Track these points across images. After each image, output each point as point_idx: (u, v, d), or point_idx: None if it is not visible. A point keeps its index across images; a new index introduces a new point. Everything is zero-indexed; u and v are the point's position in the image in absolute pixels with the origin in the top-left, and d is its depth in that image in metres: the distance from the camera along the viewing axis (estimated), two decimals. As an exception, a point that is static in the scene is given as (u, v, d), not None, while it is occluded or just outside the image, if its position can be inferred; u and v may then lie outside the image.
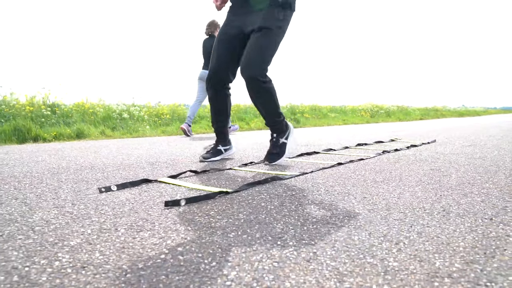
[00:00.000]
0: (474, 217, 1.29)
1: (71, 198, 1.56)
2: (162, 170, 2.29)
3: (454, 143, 3.93)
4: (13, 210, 1.37)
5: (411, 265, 0.91)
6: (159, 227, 1.19)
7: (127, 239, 1.08)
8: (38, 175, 2.08)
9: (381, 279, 0.83)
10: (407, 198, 1.56)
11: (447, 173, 2.15)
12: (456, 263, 0.92)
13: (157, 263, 0.91)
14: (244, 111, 9.42)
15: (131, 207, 1.42)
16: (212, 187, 1.76)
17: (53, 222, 1.23)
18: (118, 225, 1.20)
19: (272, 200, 1.54)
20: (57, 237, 1.09)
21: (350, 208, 1.40)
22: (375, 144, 3.87)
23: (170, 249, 1.00)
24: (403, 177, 2.02)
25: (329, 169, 2.30)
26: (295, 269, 0.88)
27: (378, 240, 1.07)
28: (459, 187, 1.77)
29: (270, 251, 0.99)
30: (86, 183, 1.88)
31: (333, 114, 11.96)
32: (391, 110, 14.51)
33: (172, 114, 7.55)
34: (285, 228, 1.18)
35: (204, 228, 1.17)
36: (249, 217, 1.29)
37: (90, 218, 1.28)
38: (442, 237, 1.10)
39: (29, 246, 1.02)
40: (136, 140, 4.61)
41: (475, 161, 2.61)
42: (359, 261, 0.93)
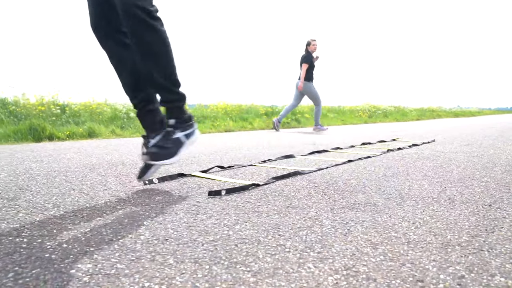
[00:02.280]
0: (476, 204, 1.52)
1: (121, 189, 1.78)
2: (188, 166, 2.50)
3: (453, 143, 4.17)
4: (78, 198, 1.58)
5: (427, 237, 1.13)
6: (212, 211, 1.41)
7: (189, 220, 1.30)
8: (78, 170, 2.29)
9: (405, 247, 1.06)
10: (416, 190, 1.78)
11: (449, 169, 2.38)
12: (464, 236, 1.15)
13: (224, 237, 1.13)
14: (246, 111, 9.62)
15: (179, 196, 1.63)
16: (242, 180, 1.98)
17: (118, 208, 1.44)
18: (176, 210, 1.42)
19: (299, 190, 1.76)
20: (130, 219, 1.30)
21: (369, 197, 1.63)
22: (378, 143, 4.11)
23: (229, 227, 1.22)
24: (410, 172, 2.25)
25: (341, 165, 2.52)
26: (336, 240, 1.10)
27: (398, 221, 1.30)
28: (461, 181, 2.00)
29: (312, 228, 1.21)
30: (126, 177, 2.09)
31: (331, 114, 12.19)
32: (388, 110, 14.78)
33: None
34: (318, 212, 1.40)
35: (250, 212, 1.39)
36: (284, 204, 1.51)
37: (149, 205, 1.49)
38: (450, 218, 1.33)
39: (112, 225, 1.23)
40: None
41: (473, 158, 2.85)
42: (385, 235, 1.15)
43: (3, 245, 1.05)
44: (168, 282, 0.84)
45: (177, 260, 0.96)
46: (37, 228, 1.20)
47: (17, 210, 1.41)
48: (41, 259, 0.96)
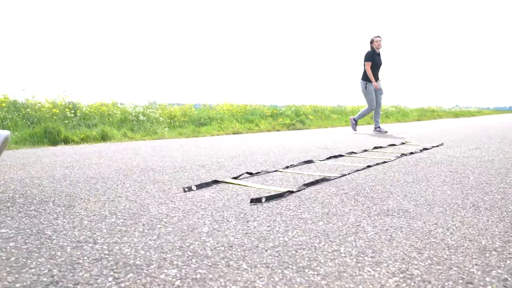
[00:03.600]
0: (500, 211, 1.65)
1: (164, 196, 1.90)
2: (216, 171, 2.62)
3: (461, 146, 4.31)
4: (129, 206, 1.71)
5: (464, 243, 1.26)
6: (260, 218, 1.53)
7: (243, 227, 1.42)
8: (114, 177, 2.41)
9: (447, 251, 1.18)
10: (440, 196, 1.91)
11: (465, 174, 2.51)
12: (497, 242, 1.27)
13: (282, 243, 1.25)
14: (251, 112, 9.74)
15: (223, 204, 1.76)
16: (274, 187, 2.11)
17: (171, 215, 1.57)
18: (227, 217, 1.54)
19: (332, 197, 1.88)
20: (189, 226, 1.43)
21: (398, 204, 1.76)
22: (389, 147, 4.24)
23: (283, 233, 1.35)
24: (429, 178, 2.38)
25: (362, 171, 2.65)
26: (383, 246, 1.23)
27: (433, 227, 1.42)
28: (479, 187, 2.13)
29: (357, 234, 1.34)
30: (163, 184, 2.21)
31: (335, 115, 12.32)
32: (389, 111, 14.93)
33: (184, 116, 7.86)
34: (357, 218, 1.53)
35: (295, 219, 1.52)
36: (323, 211, 1.64)
37: (199, 212, 1.62)
38: (480, 225, 1.46)
39: (174, 233, 1.36)
40: (161, 142, 4.93)
41: (485, 163, 2.98)
42: (426, 240, 1.28)
43: (87, 251, 1.17)
44: (252, 286, 0.96)
45: (250, 265, 1.08)
46: (108, 235, 1.32)
47: (80, 218, 1.53)
48: (129, 265, 1.08)
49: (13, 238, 1.28)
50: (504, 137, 5.47)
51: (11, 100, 6.36)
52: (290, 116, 10.23)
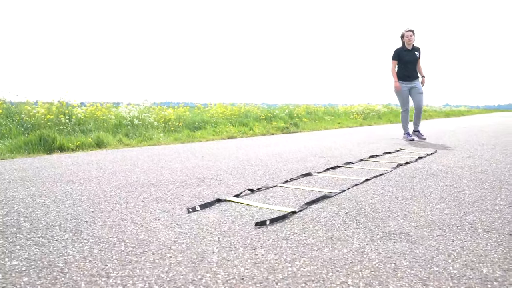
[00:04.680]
0: (497, 233, 1.71)
1: (169, 218, 1.93)
2: (216, 187, 2.65)
3: (454, 154, 4.38)
4: (136, 231, 1.73)
5: (466, 272, 1.31)
6: (266, 244, 1.57)
7: (251, 255, 1.46)
8: (115, 194, 2.43)
9: (451, 283, 1.23)
10: (439, 216, 1.97)
11: (461, 189, 2.57)
12: (497, 271, 1.32)
13: (291, 274, 1.29)
14: (244, 115, 9.77)
15: (228, 227, 1.79)
16: (276, 206, 2.14)
17: (178, 242, 1.59)
18: (234, 243, 1.58)
19: (334, 218, 1.93)
20: (198, 255, 1.46)
21: (400, 226, 1.80)
22: (385, 156, 4.30)
23: (290, 263, 1.39)
24: (426, 194, 2.43)
25: (360, 185, 2.70)
26: (389, 276, 1.27)
27: (434, 253, 1.47)
28: (475, 204, 2.19)
29: (362, 262, 1.38)
30: (166, 202, 2.23)
31: (327, 117, 12.40)
32: (381, 112, 15.06)
33: (179, 120, 7.86)
34: (361, 244, 1.57)
35: (301, 245, 1.56)
36: (327, 235, 1.68)
37: (205, 238, 1.65)
38: (479, 250, 1.51)
39: (184, 263, 1.39)
40: (158, 150, 4.94)
41: (479, 175, 3.05)
42: (429, 269, 1.33)
43: (100, 286, 1.20)
44: (267, 325, 0.99)
45: (263, 301, 1.12)
46: (119, 267, 1.35)
47: (89, 246, 1.55)
48: (145, 302, 1.11)
49: (26, 272, 1.31)
50: (496, 144, 5.57)
51: (5, 106, 6.32)
52: (284, 119, 10.29)
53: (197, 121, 8.13)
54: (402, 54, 5.99)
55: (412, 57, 5.97)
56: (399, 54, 6.01)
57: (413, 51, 6.00)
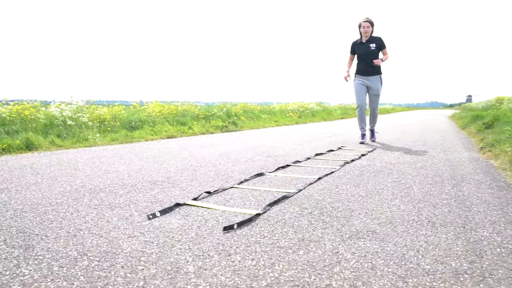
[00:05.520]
0: (452, 226, 1.82)
1: (129, 226, 1.81)
2: (170, 190, 2.54)
3: (392, 151, 4.64)
4: (96, 242, 1.60)
5: (438, 266, 1.37)
6: (239, 250, 1.52)
7: (228, 263, 1.41)
8: (62, 202, 2.24)
9: (428, 278, 1.28)
10: (397, 212, 2.05)
11: (408, 185, 2.71)
12: (464, 264, 1.40)
13: (275, 280, 1.27)
14: (182, 113, 9.56)
15: (195, 233, 1.72)
16: (238, 208, 2.10)
17: (147, 252, 1.50)
18: (207, 251, 1.52)
19: (300, 219, 1.93)
20: (172, 265, 1.38)
21: (364, 224, 1.85)
22: (329, 154, 4.43)
23: (270, 268, 1.36)
24: (379, 191, 2.53)
25: (314, 184, 2.74)
26: (370, 276, 1.30)
27: (404, 249, 1.53)
28: (425, 199, 2.32)
29: (340, 263, 1.39)
30: (121, 209, 2.10)
31: (264, 115, 12.54)
32: (315, 110, 15.55)
33: (114, 119, 7.50)
34: (333, 244, 1.59)
35: (276, 249, 1.54)
36: (298, 236, 1.68)
37: (174, 246, 1.57)
38: (442, 244, 1.59)
39: (160, 276, 1.31)
40: (97, 152, 4.66)
41: (420, 171, 3.25)
42: (405, 266, 1.37)
43: (74, 309, 1.09)
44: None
45: (254, 311, 1.08)
46: (88, 285, 1.23)
47: (47, 262, 1.41)
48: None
49: (-21, 297, 1.15)
50: (425, 141, 5.98)
51: None
52: (222, 117, 10.23)
53: (133, 120, 7.80)
54: (357, 47, 5.46)
55: (365, 50, 5.35)
56: (354, 47, 5.51)
57: (368, 44, 5.35)
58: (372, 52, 5.33)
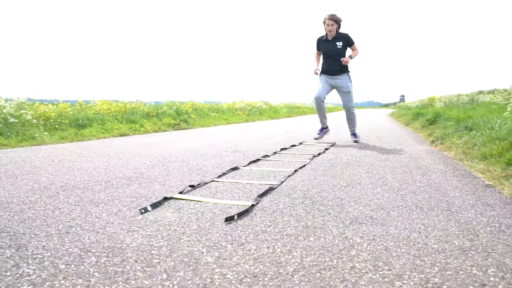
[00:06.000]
0: (440, 209, 1.92)
1: (123, 221, 1.72)
2: (148, 185, 2.45)
3: (351, 146, 4.81)
4: (95, 238, 1.51)
5: (444, 245, 1.45)
6: (250, 239, 1.51)
7: (245, 251, 1.39)
8: (36, 200, 2.08)
9: (441, 255, 1.34)
10: (383, 199, 2.13)
11: (381, 175, 2.83)
12: (466, 242, 1.49)
13: (300, 266, 1.27)
14: (131, 111, 9.24)
15: (197, 225, 1.67)
16: (230, 200, 2.08)
17: (156, 246, 1.44)
18: (217, 242, 1.48)
19: (295, 208, 1.95)
20: (190, 257, 1.33)
21: (358, 211, 1.91)
22: (293, 149, 4.50)
23: (288, 253, 1.36)
24: (357, 181, 2.61)
25: (293, 176, 2.78)
26: (388, 257, 1.34)
27: (407, 231, 1.59)
28: (403, 187, 2.43)
29: (354, 247, 1.43)
30: (106, 205, 1.99)
31: (213, 113, 12.46)
32: (262, 108, 15.72)
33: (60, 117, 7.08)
34: (339, 230, 1.62)
35: (285, 236, 1.54)
36: (301, 224, 1.69)
37: (181, 238, 1.52)
38: (438, 225, 1.68)
39: (181, 268, 1.26)
40: (50, 151, 4.37)
41: (386, 162, 3.40)
42: (415, 247, 1.43)
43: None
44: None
45: (293, 295, 1.07)
46: (107, 281, 1.16)
47: (50, 261, 1.30)
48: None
49: (-12, 300, 1.04)
50: (379, 137, 6.26)
51: None
52: (172, 115, 10.02)
53: (81, 118, 7.41)
54: (322, 44, 5.07)
55: (331, 48, 4.96)
56: (318, 44, 5.12)
57: (334, 41, 4.94)
58: (339, 50, 4.94)
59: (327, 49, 5.01)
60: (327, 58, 5.03)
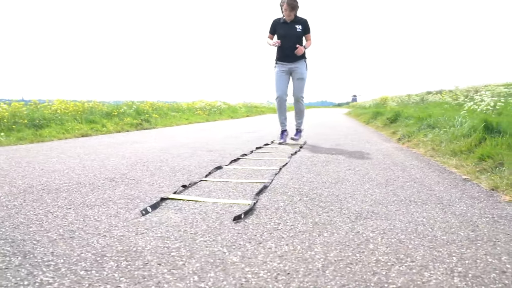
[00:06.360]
0: (433, 203, 2.01)
1: (127, 223, 1.66)
2: (137, 186, 2.38)
3: (321, 144, 4.91)
4: (105, 241, 1.44)
5: (452, 236, 1.52)
6: (264, 237, 1.50)
7: (266, 250, 1.38)
8: (19, 204, 1.95)
9: (455, 245, 1.41)
10: (378, 194, 2.20)
11: (365, 172, 2.91)
12: (470, 232, 1.57)
13: (326, 261, 1.28)
14: (90, 111, 8.89)
15: (207, 225, 1.65)
16: (229, 199, 2.06)
17: (173, 247, 1.40)
18: (235, 241, 1.47)
19: (296, 205, 1.96)
20: (215, 258, 1.31)
21: (359, 206, 1.95)
22: (268, 147, 4.53)
23: (309, 249, 1.37)
24: (345, 178, 2.67)
25: (279, 174, 2.79)
26: (407, 249, 1.38)
27: (412, 224, 1.65)
28: (389, 183, 2.52)
29: (370, 241, 1.46)
30: (100, 207, 1.91)
31: (173, 113, 12.26)
32: (222, 108, 15.66)
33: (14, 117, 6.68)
34: (349, 225, 1.65)
35: (300, 233, 1.55)
36: (308, 221, 1.71)
37: (196, 239, 1.48)
38: (438, 218, 1.76)
39: (211, 270, 1.24)
40: (10, 153, 4.12)
41: (364, 160, 3.50)
42: (426, 239, 1.49)
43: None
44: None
45: (333, 290, 1.08)
46: (138, 285, 1.11)
47: (67, 267, 1.23)
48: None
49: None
50: (345, 135, 6.42)
51: None
52: (132, 115, 9.75)
53: (37, 118, 7.03)
54: (279, 27, 4.69)
55: (290, 31, 4.63)
56: (275, 26, 4.73)
57: (293, 24, 4.64)
58: (298, 35, 4.63)
59: (285, 32, 4.63)
60: (286, 42, 4.63)
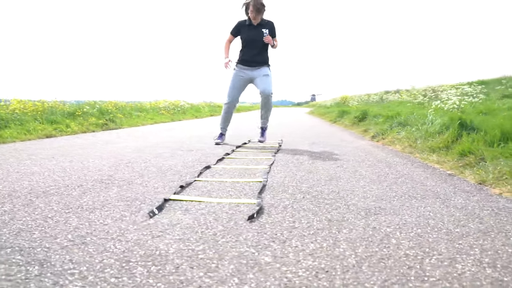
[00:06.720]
0: (431, 199, 2.08)
1: (137, 226, 1.60)
2: (131, 188, 2.29)
3: (298, 143, 4.96)
4: (124, 246, 1.38)
5: (462, 229, 1.57)
6: (285, 236, 1.50)
7: (293, 249, 1.37)
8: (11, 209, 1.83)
9: (471, 238, 1.46)
10: (376, 191, 2.24)
11: (353, 169, 2.96)
12: (479, 224, 1.63)
13: (359, 258, 1.29)
14: (50, 111, 8.48)
15: (223, 226, 1.61)
16: (231, 199, 2.03)
17: (198, 250, 1.36)
18: (259, 242, 1.44)
19: (301, 203, 1.97)
20: (248, 259, 1.28)
21: (364, 203, 1.98)
22: (247, 146, 4.51)
23: (334, 247, 1.37)
24: (338, 176, 2.71)
25: (272, 173, 2.79)
26: (426, 243, 1.42)
27: (420, 219, 1.70)
28: (382, 179, 2.58)
29: (389, 235, 1.49)
30: (101, 210, 1.83)
31: (137, 112, 11.95)
32: (185, 107, 15.46)
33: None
34: (361, 221, 1.67)
35: (319, 231, 1.55)
36: (322, 218, 1.72)
37: (217, 240, 1.45)
38: (443, 212, 1.82)
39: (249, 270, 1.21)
40: None
41: (347, 157, 3.57)
42: (441, 231, 1.53)
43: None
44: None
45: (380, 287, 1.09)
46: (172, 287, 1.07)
47: (94, 275, 1.16)
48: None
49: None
50: (316, 134, 6.52)
51: None
52: (95, 115, 9.41)
53: (-6, 118, 6.62)
54: (244, 29, 4.45)
55: (256, 35, 4.40)
56: (240, 29, 4.49)
57: (260, 28, 4.40)
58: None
59: (252, 36, 4.40)
60: (249, 45, 4.43)
